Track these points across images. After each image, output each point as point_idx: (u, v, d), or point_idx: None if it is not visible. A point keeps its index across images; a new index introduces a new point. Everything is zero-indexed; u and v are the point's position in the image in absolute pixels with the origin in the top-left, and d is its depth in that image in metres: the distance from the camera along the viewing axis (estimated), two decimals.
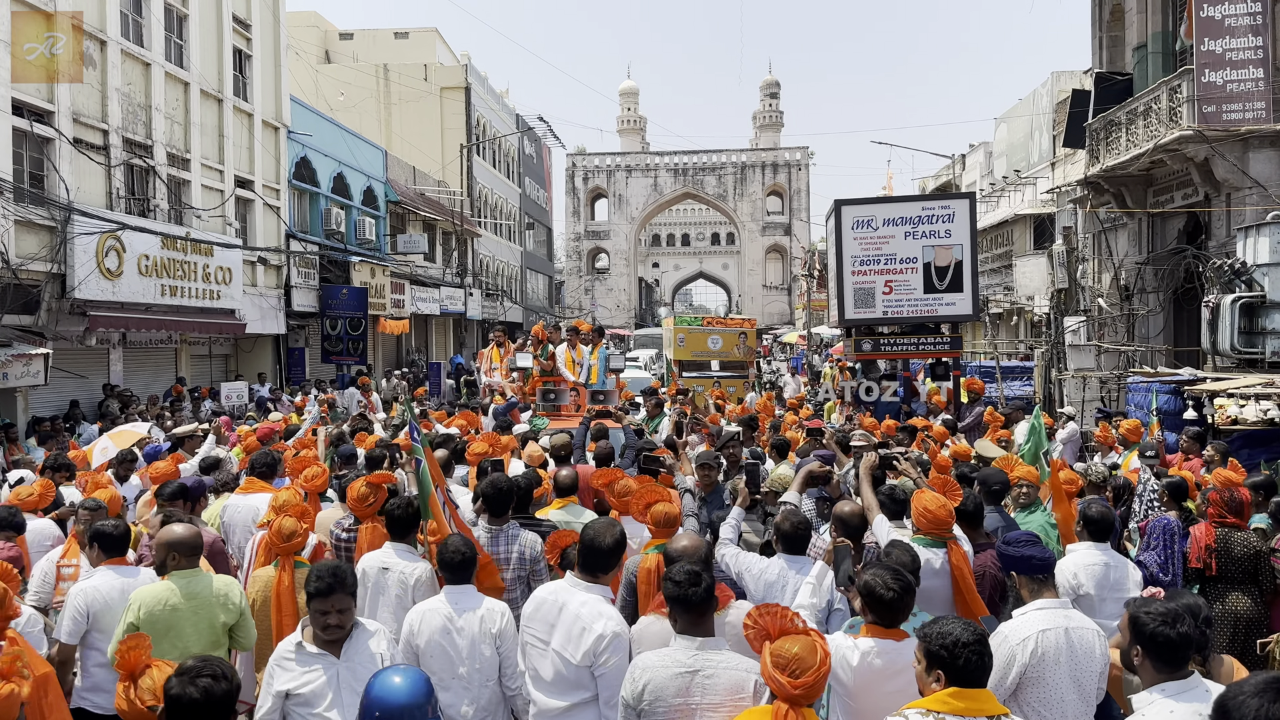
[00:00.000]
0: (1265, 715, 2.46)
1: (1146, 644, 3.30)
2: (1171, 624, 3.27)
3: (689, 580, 3.54)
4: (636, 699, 3.46)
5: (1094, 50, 21.59)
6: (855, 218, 14.72)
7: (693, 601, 3.51)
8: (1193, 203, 17.11)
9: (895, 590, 3.75)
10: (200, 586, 4.60)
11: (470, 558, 4.46)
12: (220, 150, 20.08)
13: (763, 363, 34.42)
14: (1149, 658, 3.31)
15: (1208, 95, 15.47)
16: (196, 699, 2.87)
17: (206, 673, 2.92)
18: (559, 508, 6.29)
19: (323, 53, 41.49)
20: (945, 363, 14.75)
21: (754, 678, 3.39)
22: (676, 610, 3.58)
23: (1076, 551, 5.28)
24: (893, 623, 3.81)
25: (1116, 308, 20.18)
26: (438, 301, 32.67)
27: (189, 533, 4.74)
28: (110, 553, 5.02)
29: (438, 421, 11.57)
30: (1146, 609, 3.36)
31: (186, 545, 4.67)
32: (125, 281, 15.81)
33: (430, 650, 4.28)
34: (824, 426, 10.56)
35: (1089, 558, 5.18)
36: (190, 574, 4.63)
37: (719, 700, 3.38)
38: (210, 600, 4.58)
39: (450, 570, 4.41)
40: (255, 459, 7.21)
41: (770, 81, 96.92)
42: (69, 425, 14.17)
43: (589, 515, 6.24)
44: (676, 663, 3.45)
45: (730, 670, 3.43)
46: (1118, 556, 5.34)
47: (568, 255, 74.62)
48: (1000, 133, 34.68)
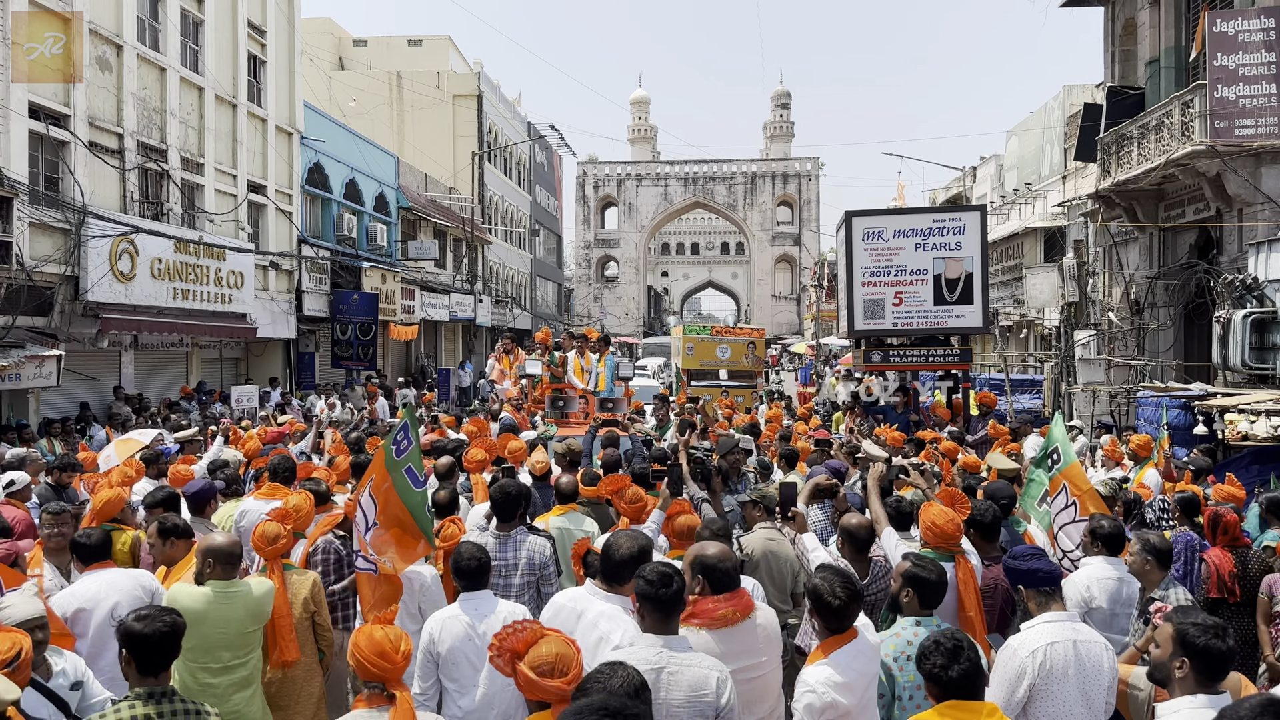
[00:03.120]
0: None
1: (1196, 656, 3.28)
2: (1221, 637, 3.28)
3: (660, 580, 3.56)
4: None
5: (1106, 64, 21.58)
6: (866, 229, 14.72)
7: (662, 601, 3.54)
8: (1204, 218, 17.07)
9: (841, 599, 3.72)
10: (237, 597, 4.59)
11: (485, 563, 4.48)
12: (234, 155, 20.19)
13: (770, 372, 34.42)
14: (1194, 670, 3.29)
15: (1220, 110, 15.44)
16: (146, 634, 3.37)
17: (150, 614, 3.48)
18: (560, 514, 6.29)
19: (336, 59, 41.73)
20: (954, 375, 14.74)
21: (715, 674, 3.46)
22: (646, 608, 3.60)
23: (1090, 565, 5.23)
24: (840, 628, 3.77)
25: (1127, 322, 20.12)
26: (447, 308, 32.76)
27: (228, 541, 4.71)
28: (89, 561, 4.99)
29: (448, 427, 11.60)
30: (1193, 622, 3.35)
31: (223, 553, 4.63)
32: (138, 284, 15.90)
33: (453, 658, 4.31)
34: (832, 437, 10.56)
35: (1102, 571, 5.14)
36: (228, 585, 4.60)
37: (683, 697, 3.43)
38: (244, 611, 4.59)
39: (465, 577, 4.43)
40: (276, 463, 7.11)
41: (781, 92, 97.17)
42: (79, 427, 14.24)
43: (589, 523, 6.24)
44: (644, 660, 3.47)
45: (693, 668, 3.48)
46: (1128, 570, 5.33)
47: (577, 263, 74.76)
48: (1011, 145, 34.65)
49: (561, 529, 6.13)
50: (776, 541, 5.71)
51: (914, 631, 4.05)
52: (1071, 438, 12.82)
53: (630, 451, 8.85)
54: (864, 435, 10.22)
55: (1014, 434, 11.52)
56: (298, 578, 5.18)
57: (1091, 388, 18.42)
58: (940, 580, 4.14)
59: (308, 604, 5.13)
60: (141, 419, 14.78)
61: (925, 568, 4.15)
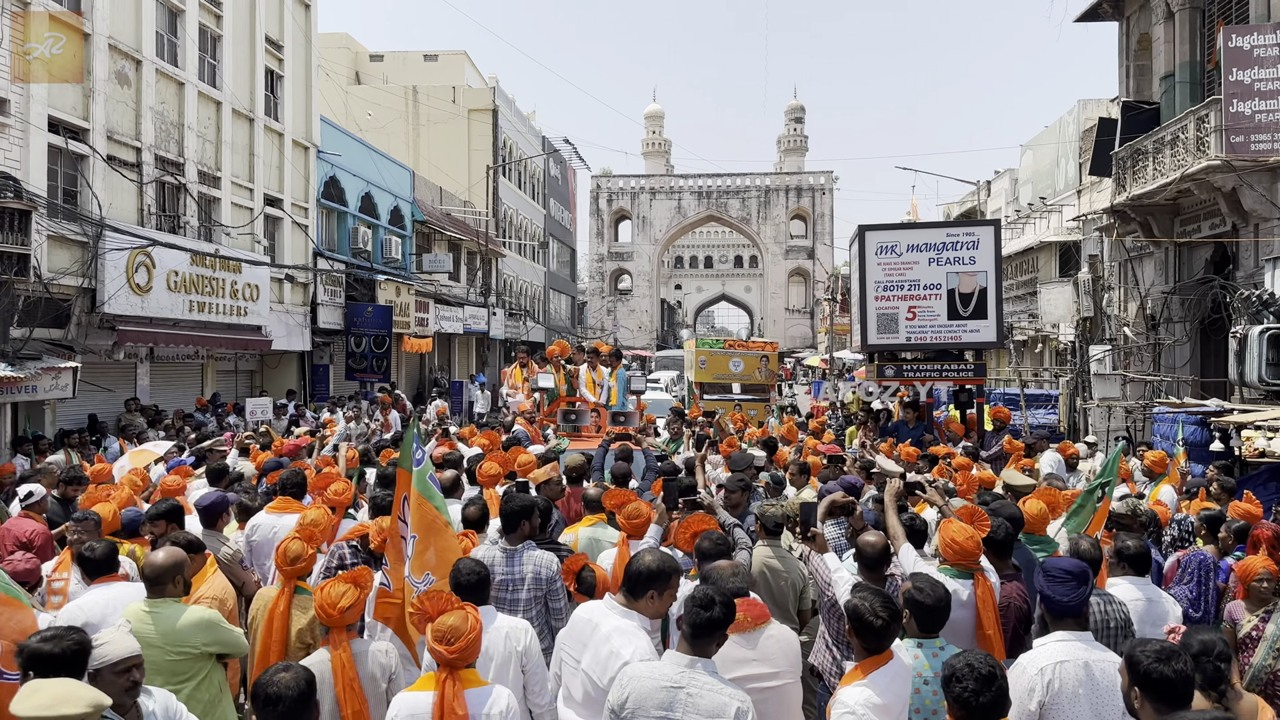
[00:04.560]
0: None
1: (1143, 683, 3.18)
2: (1166, 661, 3.15)
3: (702, 603, 3.58)
4: (620, 705, 3.51)
5: (1121, 79, 21.54)
6: (879, 243, 14.69)
7: (696, 622, 3.55)
8: (1220, 233, 16.98)
9: (883, 619, 3.73)
10: (157, 619, 4.38)
11: (484, 577, 4.45)
12: (250, 169, 20.35)
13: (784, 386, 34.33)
14: (1148, 699, 3.18)
15: (1236, 125, 15.38)
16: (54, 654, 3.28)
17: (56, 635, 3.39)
18: (589, 525, 6.30)
19: (353, 74, 42.04)
20: (968, 390, 14.66)
21: (736, 704, 3.43)
22: (683, 624, 3.61)
23: (1117, 586, 5.12)
24: (879, 648, 3.77)
25: (1142, 337, 20.01)
26: (461, 320, 32.85)
27: (162, 559, 4.53)
28: (95, 574, 4.97)
29: (460, 439, 11.60)
30: (1142, 647, 3.24)
31: (150, 569, 4.50)
32: (154, 297, 16.01)
33: None
34: (845, 453, 10.52)
35: (1128, 593, 5.03)
36: (159, 604, 4.43)
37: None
38: (159, 637, 4.34)
39: (466, 591, 4.37)
40: (285, 478, 7.09)
41: (795, 106, 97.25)
42: (95, 439, 14.32)
43: (614, 533, 6.24)
44: (665, 676, 3.49)
45: (714, 694, 3.46)
46: (1157, 591, 5.22)
47: (590, 276, 74.91)
48: (1026, 160, 34.58)
49: (591, 539, 6.14)
50: (776, 559, 5.69)
51: (913, 654, 4.03)
52: (1090, 454, 12.79)
53: (645, 467, 8.84)
54: (877, 450, 10.17)
55: (1029, 450, 11.44)
56: (304, 604, 4.90)
57: (1107, 403, 18.31)
58: (938, 605, 4.10)
59: (303, 635, 4.83)
60: (158, 430, 14.86)
61: (924, 591, 4.12)
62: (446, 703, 3.51)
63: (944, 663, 3.32)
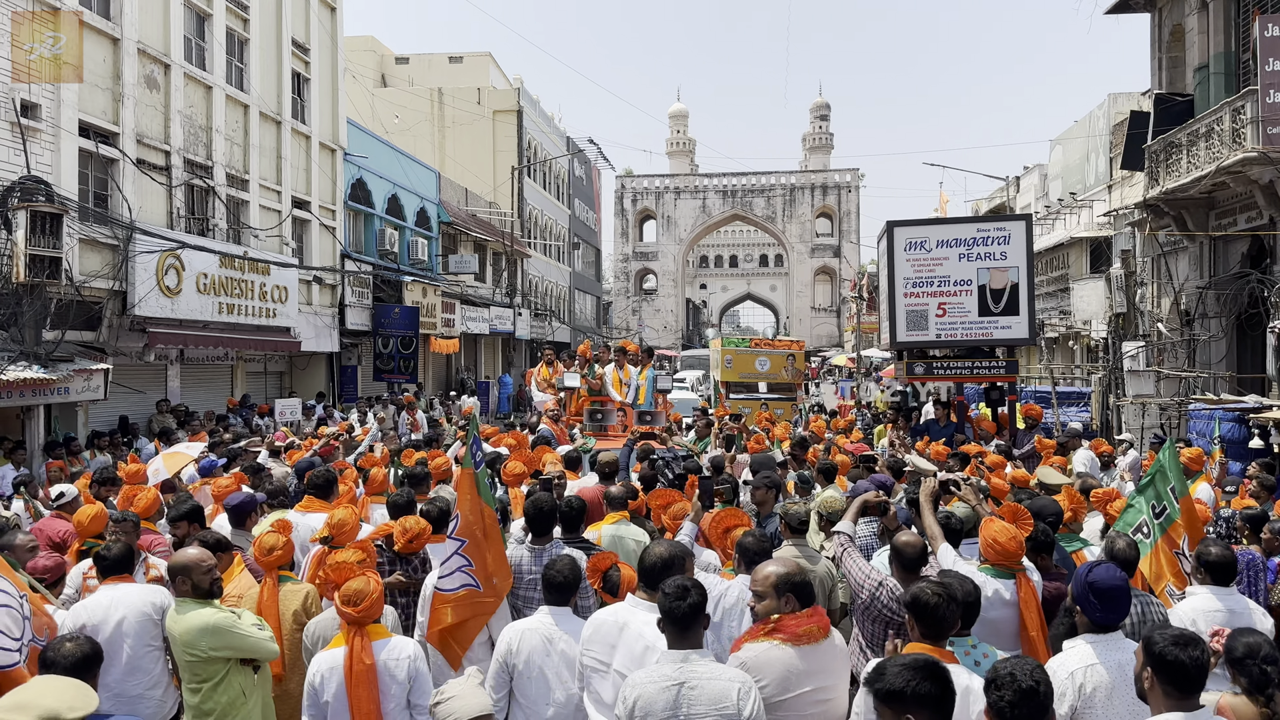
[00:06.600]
0: None
1: (1156, 665, 3.17)
2: (1183, 646, 3.13)
3: (677, 594, 3.60)
4: (628, 715, 3.49)
5: (1153, 71, 21.22)
6: (908, 239, 14.52)
7: (677, 614, 3.57)
8: (1257, 226, 16.68)
9: (941, 596, 3.70)
10: (179, 621, 4.48)
11: (573, 581, 4.50)
12: (278, 171, 20.48)
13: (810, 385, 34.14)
14: (1158, 681, 3.18)
15: (1273, 116, 15.08)
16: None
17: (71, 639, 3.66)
18: (612, 523, 6.26)
19: (379, 76, 42.24)
20: (1000, 387, 14.47)
21: (737, 685, 3.46)
22: (665, 622, 3.62)
23: (1196, 596, 4.78)
24: (939, 636, 3.71)
25: (1177, 333, 19.71)
26: (487, 321, 32.94)
27: (192, 556, 4.59)
28: (108, 574, 5.00)
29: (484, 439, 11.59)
30: (1160, 631, 3.24)
31: (176, 568, 4.58)
32: (184, 299, 16.14)
33: (529, 671, 4.31)
34: (875, 451, 10.40)
35: (1209, 604, 4.68)
36: (181, 604, 4.52)
37: (704, 710, 3.42)
38: (176, 638, 4.47)
39: (551, 590, 4.48)
40: (312, 477, 7.09)
41: (820, 104, 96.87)
42: (127, 440, 14.44)
43: (637, 530, 6.21)
44: (665, 677, 3.48)
45: (714, 680, 3.47)
46: (1242, 601, 4.82)
47: (615, 276, 74.98)
48: (1055, 154, 34.21)
49: (615, 536, 6.11)
50: (804, 558, 5.59)
51: None
52: (1122, 451, 12.56)
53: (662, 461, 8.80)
54: (907, 448, 10.04)
55: (1061, 448, 11.26)
56: (291, 589, 5.16)
57: (1141, 400, 18.04)
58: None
59: (298, 616, 5.06)
60: (189, 429, 14.95)
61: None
62: (355, 653, 4.09)
63: (992, 665, 3.22)
